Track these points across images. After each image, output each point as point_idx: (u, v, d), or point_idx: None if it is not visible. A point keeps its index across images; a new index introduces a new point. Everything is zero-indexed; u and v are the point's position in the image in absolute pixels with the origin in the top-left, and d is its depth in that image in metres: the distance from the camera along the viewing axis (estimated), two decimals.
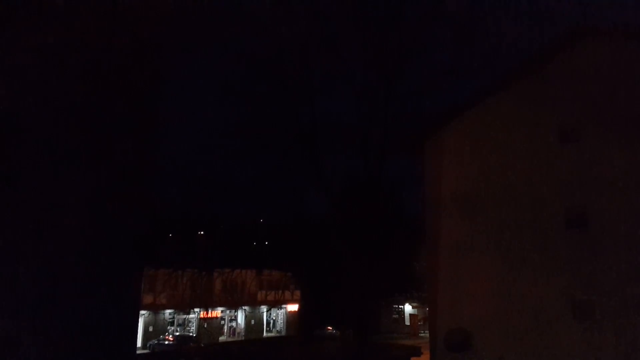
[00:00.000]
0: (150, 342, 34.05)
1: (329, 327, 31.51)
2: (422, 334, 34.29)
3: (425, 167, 17.15)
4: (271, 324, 46.29)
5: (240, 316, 43.90)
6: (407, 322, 34.87)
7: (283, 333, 44.69)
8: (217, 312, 41.34)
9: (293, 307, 42.54)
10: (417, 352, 18.80)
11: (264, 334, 43.93)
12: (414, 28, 19.09)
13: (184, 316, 39.53)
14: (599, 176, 13.14)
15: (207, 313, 39.88)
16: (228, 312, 42.66)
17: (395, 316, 34.18)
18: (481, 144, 15.75)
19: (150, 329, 35.73)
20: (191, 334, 38.46)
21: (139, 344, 32.48)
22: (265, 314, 45.21)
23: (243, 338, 40.67)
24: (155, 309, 36.15)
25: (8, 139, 3.55)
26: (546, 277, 13.63)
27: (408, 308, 34.71)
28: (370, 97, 20.84)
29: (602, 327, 12.59)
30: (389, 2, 18.56)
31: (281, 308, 45.75)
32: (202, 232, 29.48)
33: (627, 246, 12.46)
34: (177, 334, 37.59)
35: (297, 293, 32.96)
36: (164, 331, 37.13)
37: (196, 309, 38.98)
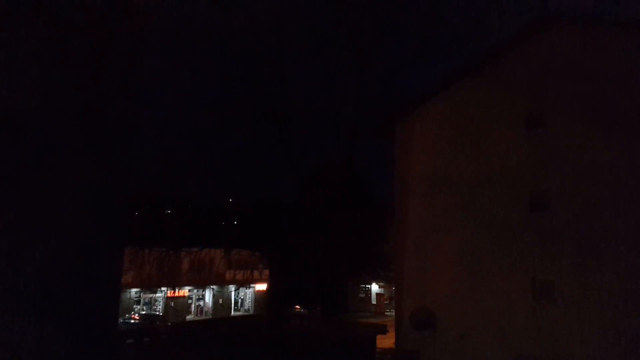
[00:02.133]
0: None
1: (297, 306, 31.89)
2: (388, 313, 35.08)
3: (396, 149, 17.33)
4: (239, 303, 46.44)
5: (208, 295, 43.87)
6: (374, 301, 35.56)
7: (251, 312, 44.94)
8: (185, 292, 41.16)
9: (261, 287, 42.75)
10: (383, 330, 19.24)
11: (232, 312, 44.07)
12: (387, 9, 19.06)
13: (151, 295, 39.22)
14: (562, 161, 13.56)
15: (174, 292, 39.66)
16: (196, 291, 42.53)
17: (362, 295, 34.79)
18: (450, 128, 15.98)
19: None
20: (157, 313, 38.23)
21: None
22: (233, 293, 45.28)
23: (210, 317, 40.71)
24: (121, 287, 35.71)
25: None
26: (509, 258, 14.10)
27: (375, 287, 35.38)
28: (343, 78, 20.80)
29: (560, 307, 13.14)
30: None
31: (249, 287, 45.91)
32: (170, 211, 29.09)
33: (586, 229, 12.97)
34: (144, 312, 37.30)
35: (266, 272, 33.09)
36: (130, 310, 36.78)
37: (163, 288, 38.69)
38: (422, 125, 16.75)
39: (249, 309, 46.26)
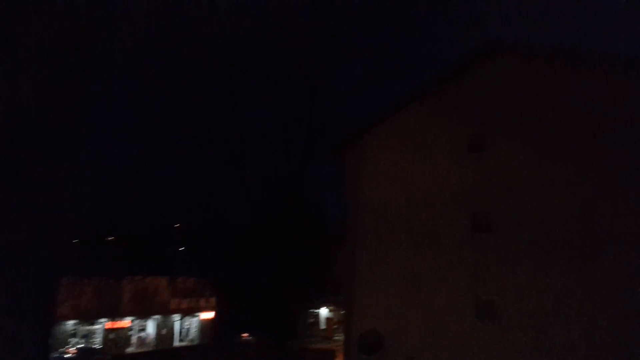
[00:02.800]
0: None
1: (245, 334, 31.00)
2: (337, 337, 34.72)
3: (346, 173, 17.49)
4: (184, 333, 44.65)
5: (151, 325, 41.91)
6: (323, 326, 35.16)
7: (196, 342, 43.24)
8: (126, 322, 39.14)
9: (208, 315, 41.33)
10: (331, 356, 18.99)
11: (176, 343, 42.25)
12: (341, 34, 19.45)
13: (89, 327, 37.00)
14: (504, 183, 14.03)
15: (114, 323, 37.63)
16: (138, 321, 40.54)
17: (311, 320, 34.36)
18: (397, 151, 16.30)
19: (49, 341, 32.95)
20: (96, 346, 36.05)
21: None
22: (177, 323, 43.51)
23: (153, 348, 38.81)
24: (56, 320, 33.48)
25: None
26: (454, 279, 14.32)
27: (324, 312, 35.06)
28: (295, 102, 20.90)
29: (503, 327, 13.40)
30: (315, 7, 18.79)
31: (195, 316, 44.29)
32: (112, 238, 27.80)
33: (528, 250, 13.34)
34: (81, 346, 35.07)
35: (213, 300, 32.08)
36: (65, 344, 34.48)
37: (102, 319, 36.64)
38: (371, 149, 17.01)
39: (194, 339, 44.53)
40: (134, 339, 40.25)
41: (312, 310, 34.16)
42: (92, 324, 36.80)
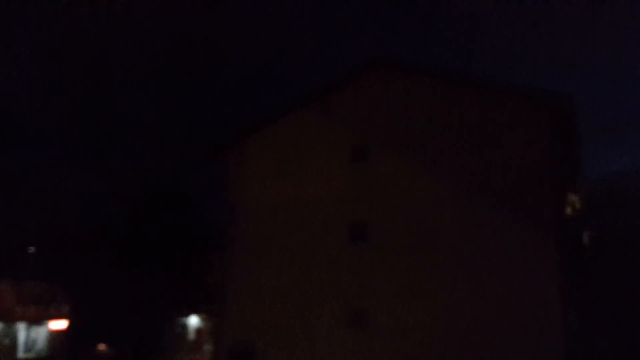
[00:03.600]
0: None
1: (101, 345, 28.23)
2: (206, 348, 33.09)
3: (227, 175, 16.68)
4: (30, 344, 39.61)
5: None
6: (192, 337, 33.46)
7: (45, 354, 38.56)
8: None
9: (60, 324, 37.07)
10: None
11: (21, 355, 37.28)
12: (228, 33, 18.62)
13: None
14: (382, 194, 14.27)
15: None
16: None
17: (179, 330, 32.48)
18: (280, 157, 15.91)
19: None
20: None
21: None
22: (23, 332, 38.46)
23: None
24: None
25: None
26: (329, 288, 14.18)
27: (194, 321, 33.39)
28: (177, 97, 19.54)
29: (374, 334, 13.49)
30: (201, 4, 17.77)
31: (43, 325, 39.52)
32: None
33: (400, 259, 13.66)
34: None
35: (67, 308, 28.79)
36: None
37: None
38: (254, 153, 16.44)
39: (42, 350, 39.68)
40: None
41: (180, 320, 32.34)
42: None
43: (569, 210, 16.15)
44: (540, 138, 12.93)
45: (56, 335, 38.17)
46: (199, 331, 34.88)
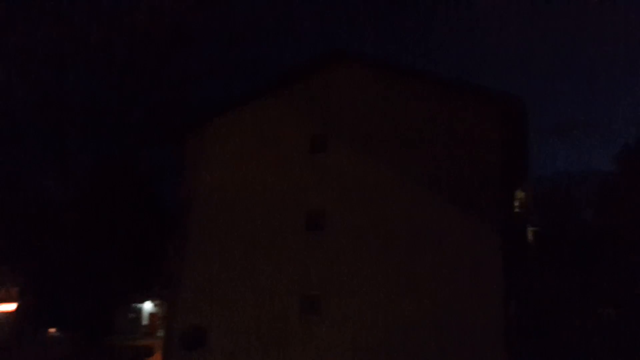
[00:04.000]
0: None
1: (52, 329, 27.61)
2: (160, 334, 32.80)
3: (186, 160, 16.63)
4: None
5: None
6: (146, 322, 33.10)
7: None
8: None
9: (8, 307, 35.89)
10: (149, 352, 17.88)
11: None
12: (192, 15, 18.42)
13: None
14: (339, 184, 14.57)
15: None
16: None
17: (133, 315, 32.07)
18: (242, 144, 15.99)
19: None
20: None
21: None
22: None
23: None
24: None
25: None
26: (283, 275, 14.42)
27: (148, 306, 33.03)
28: (135, 78, 19.22)
29: (327, 321, 13.83)
30: None
31: None
32: None
33: (356, 248, 14.02)
34: None
35: (14, 290, 27.93)
36: None
37: None
38: (214, 138, 16.43)
39: None
40: None
41: (134, 305, 31.92)
42: None
43: (515, 206, 16.94)
44: (491, 137, 13.46)
45: (4, 318, 36.96)
46: (152, 316, 34.51)
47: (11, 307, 31.56)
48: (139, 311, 32.76)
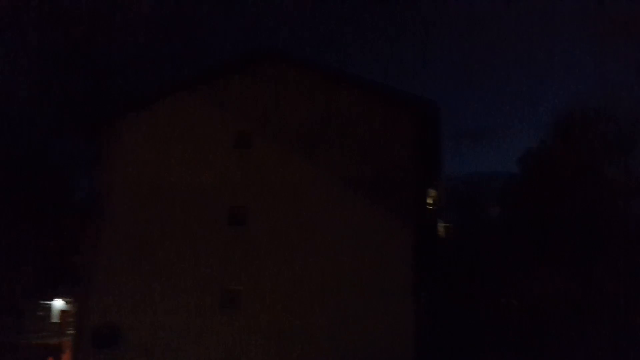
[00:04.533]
0: None
1: None
2: (71, 332, 31.12)
3: (103, 152, 15.96)
4: None
5: None
6: (56, 319, 31.37)
7: None
8: None
9: None
10: (57, 350, 17.12)
11: None
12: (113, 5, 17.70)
13: None
14: (262, 181, 14.71)
15: None
16: None
17: (41, 313, 30.29)
18: (165, 137, 15.65)
19: None
20: None
21: None
22: None
23: None
24: None
25: None
26: (204, 270, 14.34)
27: (59, 303, 31.33)
28: (48, 64, 18.19)
29: (247, 315, 13.94)
30: None
31: None
32: None
33: (277, 243, 14.25)
34: None
35: None
36: None
37: None
38: (134, 130, 15.92)
39: None
40: None
41: (44, 302, 30.13)
42: None
43: (429, 203, 17.98)
44: (407, 137, 14.25)
45: None
46: (63, 313, 32.73)
47: None
48: (48, 308, 30.96)
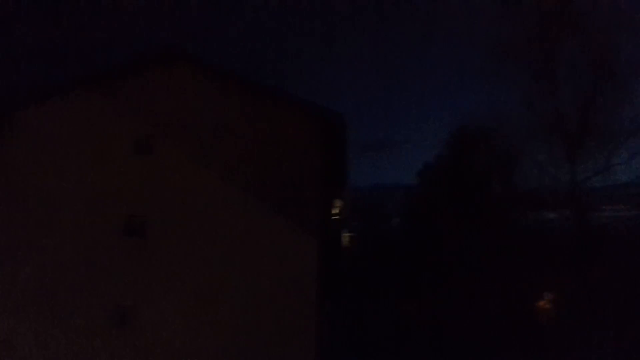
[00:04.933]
0: None
1: None
2: None
3: None
4: None
5: None
6: None
7: None
8: None
9: None
10: None
11: None
12: None
13: None
14: (163, 189, 14.08)
15: None
16: None
17: None
18: (58, 139, 14.49)
19: None
20: None
21: None
22: None
23: None
24: None
25: None
26: (95, 284, 13.43)
27: None
28: None
29: (141, 332, 13.27)
30: None
31: None
32: None
33: (177, 255, 13.70)
34: None
35: None
36: None
37: None
38: (23, 130, 14.62)
39: None
40: None
41: None
42: None
43: (333, 213, 18.37)
44: (313, 146, 14.32)
45: None
46: None
47: None
48: None
